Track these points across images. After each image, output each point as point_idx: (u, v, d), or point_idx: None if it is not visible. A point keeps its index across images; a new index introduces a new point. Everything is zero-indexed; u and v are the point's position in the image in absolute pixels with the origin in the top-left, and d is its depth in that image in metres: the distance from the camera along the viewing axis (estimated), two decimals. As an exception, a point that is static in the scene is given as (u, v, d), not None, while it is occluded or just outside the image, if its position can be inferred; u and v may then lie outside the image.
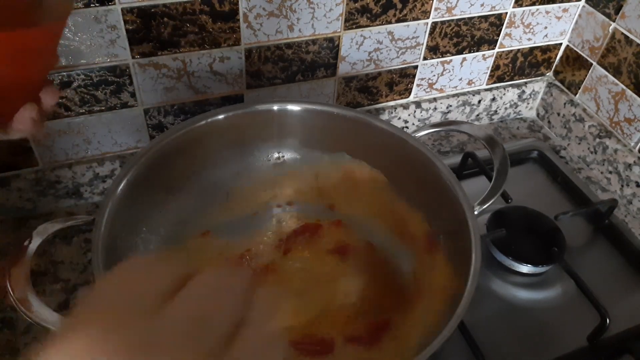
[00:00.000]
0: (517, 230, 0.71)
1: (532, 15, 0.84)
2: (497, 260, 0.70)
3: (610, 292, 0.67)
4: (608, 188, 0.85)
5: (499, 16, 0.82)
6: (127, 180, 0.55)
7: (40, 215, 0.71)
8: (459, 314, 0.48)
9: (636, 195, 0.80)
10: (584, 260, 0.72)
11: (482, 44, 0.84)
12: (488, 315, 0.65)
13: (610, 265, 0.72)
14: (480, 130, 0.67)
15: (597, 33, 0.84)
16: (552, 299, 0.68)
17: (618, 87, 0.82)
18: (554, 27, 0.88)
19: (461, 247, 0.56)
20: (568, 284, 0.67)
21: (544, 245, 0.70)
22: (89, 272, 0.65)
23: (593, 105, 0.87)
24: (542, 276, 0.70)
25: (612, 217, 0.76)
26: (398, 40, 0.78)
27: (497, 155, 0.64)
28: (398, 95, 0.85)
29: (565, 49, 0.91)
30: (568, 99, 0.91)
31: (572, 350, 0.62)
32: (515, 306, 0.66)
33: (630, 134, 0.82)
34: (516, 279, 0.69)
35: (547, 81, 0.94)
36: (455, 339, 0.60)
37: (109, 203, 0.54)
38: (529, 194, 0.80)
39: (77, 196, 0.73)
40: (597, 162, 0.86)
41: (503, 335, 0.63)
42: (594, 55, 0.85)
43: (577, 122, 0.89)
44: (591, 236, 0.76)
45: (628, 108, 0.81)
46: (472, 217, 0.57)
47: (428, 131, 0.68)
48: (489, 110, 0.93)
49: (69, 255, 0.67)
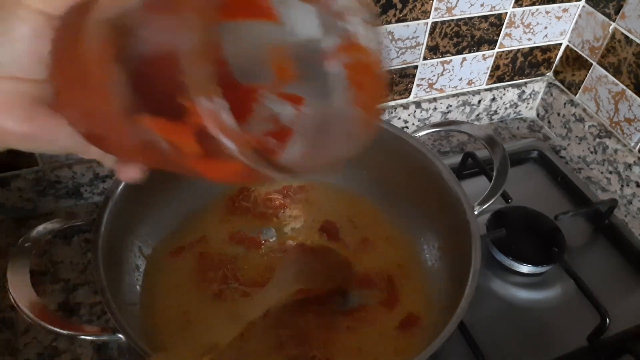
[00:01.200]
0: (517, 230, 0.71)
1: (532, 15, 0.84)
2: (497, 260, 0.70)
3: (610, 292, 0.67)
4: (608, 188, 0.85)
5: (499, 16, 0.82)
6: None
7: (40, 215, 0.71)
8: (459, 314, 0.48)
9: (636, 195, 0.80)
10: (584, 260, 0.71)
11: (482, 44, 0.84)
12: (488, 315, 0.65)
13: (610, 265, 0.72)
14: (480, 130, 0.67)
15: (597, 33, 0.84)
16: (552, 299, 0.68)
17: (618, 87, 0.82)
18: (554, 27, 0.88)
19: (461, 247, 0.56)
20: (568, 284, 0.67)
21: (544, 245, 0.70)
22: (89, 272, 0.65)
23: (593, 105, 0.87)
24: (542, 276, 0.70)
25: (612, 217, 0.76)
26: (398, 40, 0.77)
27: (497, 155, 0.64)
28: (398, 95, 0.85)
29: (565, 49, 0.91)
30: (568, 99, 0.91)
31: (572, 350, 0.62)
32: (515, 306, 0.66)
33: (630, 134, 0.82)
34: (516, 279, 0.69)
35: (547, 81, 0.94)
36: (455, 339, 0.60)
37: (109, 203, 0.54)
38: (529, 194, 0.80)
39: (77, 196, 0.73)
40: (597, 162, 0.86)
41: (503, 335, 0.63)
42: (594, 55, 0.85)
43: (577, 122, 0.89)
44: (591, 236, 0.76)
45: (628, 108, 0.81)
46: (472, 217, 0.57)
47: (428, 131, 0.68)
48: (489, 110, 0.93)
49: (69, 255, 0.67)
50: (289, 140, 0.32)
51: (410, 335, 0.57)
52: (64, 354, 0.57)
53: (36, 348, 0.58)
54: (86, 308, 0.62)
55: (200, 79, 0.21)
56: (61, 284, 0.64)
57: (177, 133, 0.23)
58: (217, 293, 0.59)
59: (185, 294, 0.59)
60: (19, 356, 0.57)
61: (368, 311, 0.59)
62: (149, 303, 0.57)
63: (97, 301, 0.62)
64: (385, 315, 0.59)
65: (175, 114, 0.22)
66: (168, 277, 0.60)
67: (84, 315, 0.61)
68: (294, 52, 0.33)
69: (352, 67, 0.32)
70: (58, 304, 0.62)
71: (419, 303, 0.60)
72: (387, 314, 0.59)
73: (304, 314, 0.57)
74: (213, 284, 0.59)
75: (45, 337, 0.58)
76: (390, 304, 0.60)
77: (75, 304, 0.62)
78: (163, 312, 0.57)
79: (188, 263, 0.61)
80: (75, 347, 0.58)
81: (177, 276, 0.60)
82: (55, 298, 0.62)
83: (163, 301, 0.58)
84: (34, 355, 0.57)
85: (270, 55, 0.33)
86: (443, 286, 0.59)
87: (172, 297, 0.58)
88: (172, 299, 0.58)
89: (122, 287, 0.55)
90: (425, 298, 0.60)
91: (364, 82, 0.32)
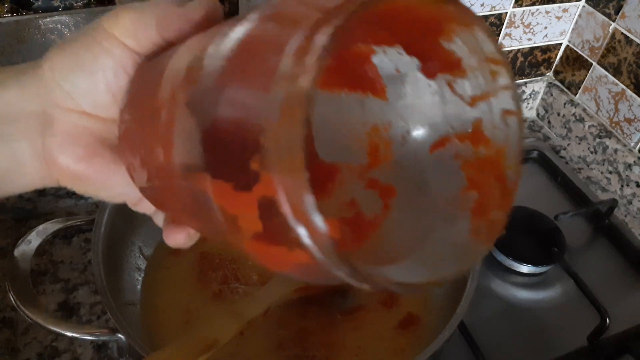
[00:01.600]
0: (517, 230, 0.71)
1: (532, 15, 0.84)
2: (497, 260, 0.70)
3: (610, 292, 0.67)
4: (608, 188, 0.85)
5: (499, 16, 0.82)
6: (127, 180, 0.55)
7: (40, 215, 0.71)
8: (459, 314, 0.48)
9: (636, 195, 0.80)
10: (584, 260, 0.71)
11: (482, 44, 0.84)
12: (488, 315, 0.65)
13: (610, 265, 0.72)
14: (480, 130, 0.67)
15: (597, 33, 0.84)
16: (552, 299, 0.68)
17: (618, 87, 0.82)
18: (554, 27, 0.88)
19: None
20: (568, 284, 0.67)
21: (544, 245, 0.70)
22: (89, 272, 0.65)
23: (593, 105, 0.87)
24: (542, 276, 0.70)
25: (612, 217, 0.76)
26: (398, 40, 0.77)
27: (497, 155, 0.64)
28: (398, 95, 0.85)
29: (565, 49, 0.91)
30: (568, 99, 0.91)
31: (572, 350, 0.62)
32: (515, 306, 0.66)
33: (630, 134, 0.82)
34: (516, 279, 0.69)
35: (547, 81, 0.94)
36: (455, 339, 0.60)
37: (109, 203, 0.54)
38: (529, 194, 0.79)
39: (77, 196, 0.73)
40: (597, 162, 0.86)
41: (503, 335, 0.63)
42: (594, 55, 0.85)
43: (577, 122, 0.89)
44: (591, 236, 0.76)
45: (628, 108, 0.81)
46: (472, 217, 0.57)
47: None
48: (489, 110, 0.93)
49: (69, 255, 0.67)
50: (369, 238, 0.26)
51: (410, 335, 0.57)
52: (64, 354, 0.58)
53: (36, 348, 0.58)
54: (86, 308, 0.62)
55: (285, 145, 0.17)
56: (61, 284, 0.64)
57: (238, 201, 0.20)
58: (217, 293, 0.59)
59: (186, 293, 0.59)
60: (19, 356, 0.57)
61: (367, 311, 0.59)
62: (150, 303, 0.57)
63: (97, 301, 0.62)
64: (385, 315, 0.59)
65: (242, 181, 0.19)
66: (168, 276, 0.60)
67: (84, 315, 0.61)
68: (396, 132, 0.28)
69: (474, 164, 0.25)
70: (58, 304, 0.62)
71: (419, 303, 0.60)
72: (387, 314, 0.59)
73: (304, 314, 0.57)
74: (213, 283, 0.59)
75: (45, 337, 0.58)
76: (389, 303, 0.60)
77: (75, 304, 0.62)
78: (163, 311, 0.57)
79: (188, 263, 0.61)
80: (75, 347, 0.58)
81: (178, 276, 0.60)
82: (55, 298, 0.62)
83: (163, 301, 0.58)
84: (34, 355, 0.57)
85: (365, 135, 0.28)
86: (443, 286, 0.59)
87: (173, 297, 0.58)
88: (172, 298, 0.58)
89: (122, 287, 0.55)
90: (424, 298, 0.60)
91: (487, 186, 0.24)
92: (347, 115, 0.28)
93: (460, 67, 0.24)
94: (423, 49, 0.25)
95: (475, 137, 0.25)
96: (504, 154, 0.24)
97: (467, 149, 0.25)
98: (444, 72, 0.25)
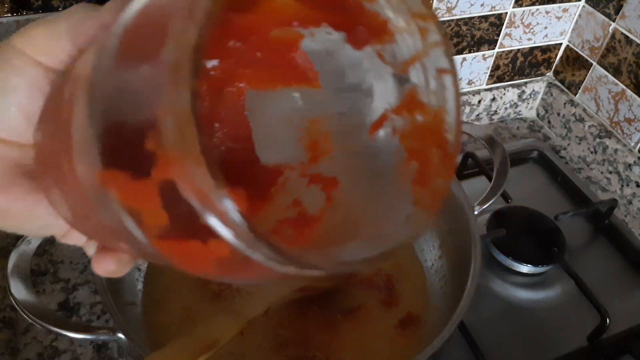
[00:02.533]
0: (517, 230, 0.71)
1: (532, 15, 0.84)
2: (497, 260, 0.70)
3: (610, 292, 0.67)
4: (608, 188, 0.85)
5: (499, 16, 0.82)
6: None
7: (40, 215, 0.71)
8: (459, 313, 0.48)
9: (636, 195, 0.80)
10: (584, 260, 0.71)
11: (482, 44, 0.84)
12: (488, 315, 0.65)
13: (610, 265, 0.72)
14: (480, 130, 0.67)
15: (597, 33, 0.84)
16: (552, 299, 0.68)
17: (618, 87, 0.82)
18: (554, 27, 0.88)
19: (461, 247, 0.56)
20: (568, 284, 0.67)
21: (544, 245, 0.70)
22: (89, 272, 0.65)
23: (593, 105, 0.87)
24: (542, 276, 0.70)
25: (612, 217, 0.76)
26: (398, 40, 0.77)
27: (497, 155, 0.64)
28: (398, 95, 0.85)
29: (565, 49, 0.91)
30: (568, 99, 0.91)
31: (572, 350, 0.62)
32: (515, 306, 0.66)
33: (630, 134, 0.82)
34: (516, 279, 0.69)
35: (547, 81, 0.94)
36: (455, 339, 0.60)
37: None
38: (529, 194, 0.80)
39: (77, 196, 0.73)
40: (597, 162, 0.86)
41: (503, 335, 0.63)
42: (594, 55, 0.85)
43: (577, 122, 0.89)
44: (591, 236, 0.76)
45: (628, 108, 0.81)
46: (472, 217, 0.57)
47: (428, 131, 0.68)
48: (489, 110, 0.93)
49: (69, 255, 0.67)
50: (314, 232, 0.25)
51: (410, 334, 0.57)
52: (64, 354, 0.58)
53: (36, 348, 0.58)
54: (86, 308, 0.62)
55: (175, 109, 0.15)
56: (61, 284, 0.64)
57: (139, 192, 0.17)
58: (217, 293, 0.59)
59: (186, 293, 0.59)
60: (19, 356, 0.57)
61: (367, 311, 0.59)
62: (150, 303, 0.57)
63: (97, 301, 0.62)
64: (385, 315, 0.59)
65: (139, 165, 0.17)
66: (169, 276, 0.60)
67: (84, 315, 0.61)
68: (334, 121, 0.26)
69: (412, 134, 0.24)
70: (58, 304, 0.62)
71: (419, 303, 0.60)
72: (387, 314, 0.59)
73: (304, 313, 0.57)
74: (213, 283, 0.59)
75: (45, 337, 0.58)
76: (389, 303, 0.60)
77: (75, 304, 0.62)
78: (163, 311, 0.57)
79: (188, 263, 0.61)
80: (75, 347, 0.58)
81: (178, 276, 0.60)
82: (55, 298, 0.62)
83: (163, 301, 0.58)
84: (34, 355, 0.57)
85: (305, 130, 0.27)
86: (443, 286, 0.59)
87: (173, 297, 0.58)
88: (172, 298, 0.58)
89: (122, 287, 0.55)
90: (424, 298, 0.60)
91: (426, 154, 0.24)
92: (286, 112, 0.26)
93: (387, 31, 0.23)
94: (348, 18, 0.23)
95: (410, 106, 0.24)
96: (441, 117, 0.23)
97: (404, 120, 0.24)
98: (372, 42, 0.24)
